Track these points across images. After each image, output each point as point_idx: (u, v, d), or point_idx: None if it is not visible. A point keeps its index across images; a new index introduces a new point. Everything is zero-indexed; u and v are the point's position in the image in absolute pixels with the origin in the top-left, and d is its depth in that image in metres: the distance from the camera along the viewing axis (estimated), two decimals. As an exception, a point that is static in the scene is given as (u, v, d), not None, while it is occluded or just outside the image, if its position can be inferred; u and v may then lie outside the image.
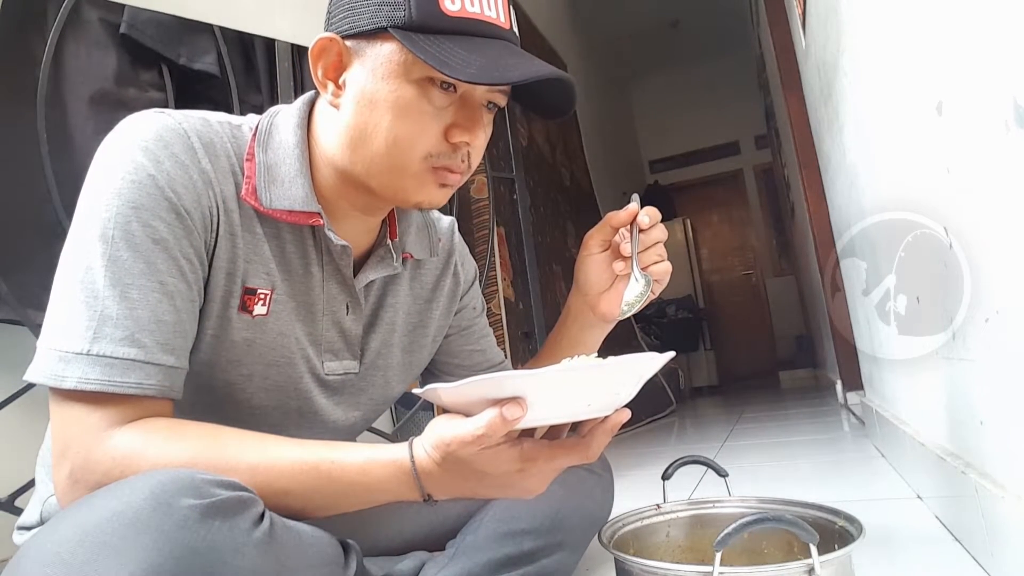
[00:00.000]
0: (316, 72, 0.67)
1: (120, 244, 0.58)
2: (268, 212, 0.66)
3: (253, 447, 0.58)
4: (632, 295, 0.75)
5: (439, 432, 0.54)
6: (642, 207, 0.78)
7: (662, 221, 0.77)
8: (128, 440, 0.56)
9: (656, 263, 0.77)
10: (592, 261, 0.81)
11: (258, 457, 0.57)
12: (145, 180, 0.60)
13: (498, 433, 0.51)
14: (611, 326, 0.85)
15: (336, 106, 0.67)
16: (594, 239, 0.81)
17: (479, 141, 0.67)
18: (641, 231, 0.76)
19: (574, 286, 0.85)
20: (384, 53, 0.63)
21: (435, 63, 0.58)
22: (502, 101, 0.69)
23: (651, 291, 0.76)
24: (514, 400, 0.50)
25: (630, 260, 0.75)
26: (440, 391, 0.53)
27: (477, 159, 0.70)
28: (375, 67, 0.64)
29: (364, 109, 0.64)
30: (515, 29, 0.68)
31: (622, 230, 0.79)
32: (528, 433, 0.58)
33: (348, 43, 0.65)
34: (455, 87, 0.64)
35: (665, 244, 0.79)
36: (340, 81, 0.66)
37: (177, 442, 0.56)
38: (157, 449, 0.55)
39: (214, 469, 0.53)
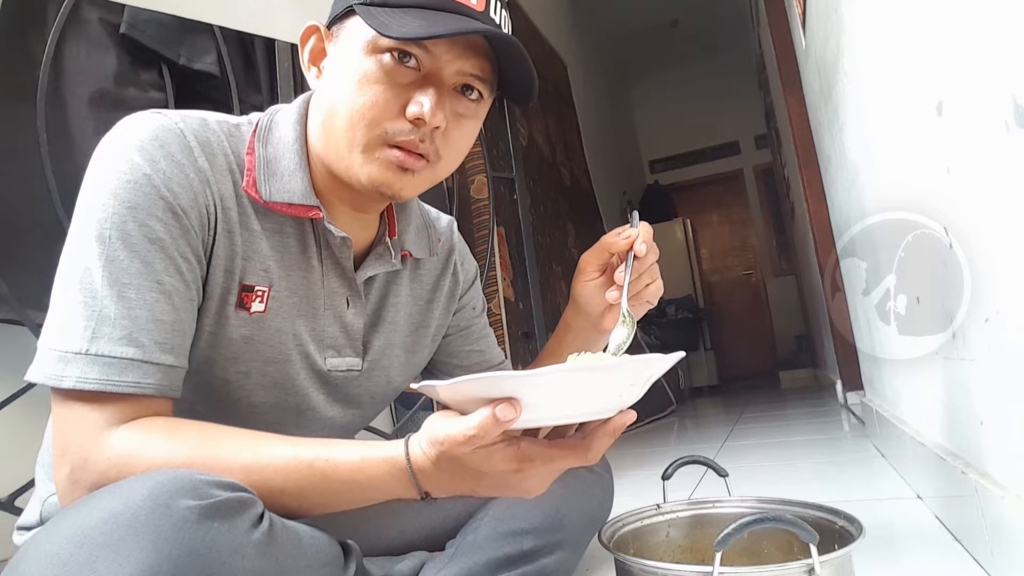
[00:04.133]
0: (302, 60, 0.70)
1: (117, 244, 0.58)
2: (268, 204, 0.67)
3: (248, 446, 0.57)
4: (620, 338, 0.73)
5: (433, 430, 0.54)
6: (639, 216, 0.78)
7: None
8: (125, 440, 0.56)
9: (649, 285, 0.78)
10: (591, 286, 0.81)
11: (253, 456, 0.56)
12: (141, 180, 0.60)
13: (491, 434, 0.51)
14: None
15: (317, 90, 0.69)
16: (591, 264, 0.81)
17: (436, 119, 0.63)
18: (636, 258, 0.75)
19: (572, 305, 0.84)
20: (350, 31, 0.65)
21: (375, 24, 0.59)
22: (476, 84, 0.66)
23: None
24: (508, 400, 0.50)
25: (622, 291, 0.75)
26: (438, 387, 0.52)
27: (448, 147, 0.67)
28: (344, 47, 0.66)
29: (332, 88, 0.66)
30: (492, 13, 0.65)
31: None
32: (532, 433, 0.57)
33: (331, 29, 0.68)
34: (418, 64, 0.63)
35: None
36: (320, 66, 0.69)
37: (173, 442, 0.56)
38: (153, 449, 0.55)
39: (209, 468, 0.53)
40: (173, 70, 1.38)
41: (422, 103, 0.62)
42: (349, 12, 0.65)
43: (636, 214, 0.81)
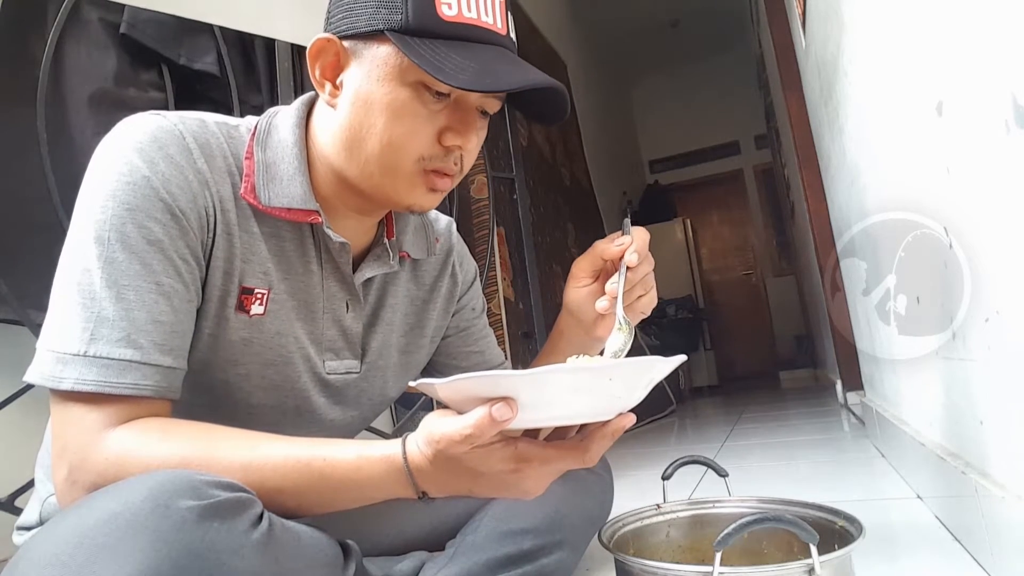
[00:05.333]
0: (314, 72, 0.68)
1: (116, 246, 0.58)
2: (267, 210, 0.67)
3: (245, 446, 0.57)
4: (617, 345, 0.71)
5: (430, 429, 0.54)
6: (636, 217, 0.77)
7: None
8: (122, 441, 0.56)
9: (642, 296, 0.76)
10: (582, 292, 0.80)
11: (250, 456, 0.56)
12: (140, 182, 0.60)
13: (487, 433, 0.50)
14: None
15: (333, 106, 0.67)
16: (583, 269, 0.80)
17: (471, 145, 0.67)
18: (629, 268, 0.73)
19: (565, 310, 0.83)
20: (380, 56, 0.64)
21: (429, 68, 0.59)
22: (495, 107, 0.69)
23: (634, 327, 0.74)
24: (504, 400, 0.49)
25: (614, 301, 0.73)
26: (436, 385, 0.52)
27: (470, 162, 0.70)
28: (371, 69, 0.64)
29: (360, 110, 0.65)
30: (512, 35, 0.68)
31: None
32: (532, 434, 0.57)
33: (346, 44, 0.66)
34: (448, 92, 0.65)
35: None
36: (337, 81, 0.67)
37: (169, 442, 0.56)
38: (149, 449, 0.55)
39: (207, 468, 0.53)
40: (173, 70, 1.38)
41: (460, 132, 0.66)
42: (376, 34, 0.63)
43: (627, 221, 0.79)
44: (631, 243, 0.74)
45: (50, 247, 0.68)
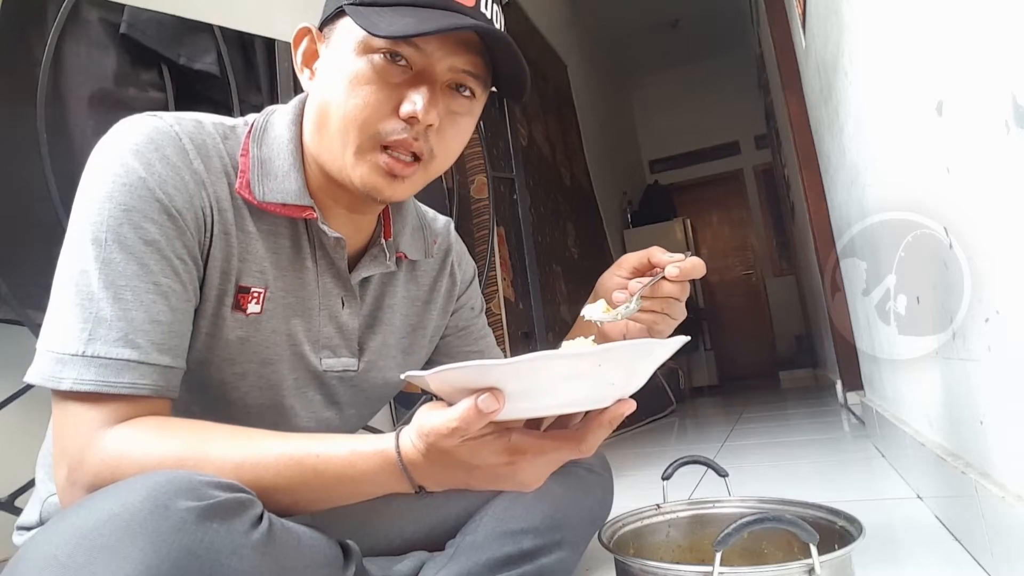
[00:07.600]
0: (295, 62, 0.70)
1: (112, 247, 0.58)
2: (261, 205, 0.67)
3: (239, 444, 0.57)
4: (601, 314, 0.70)
5: (421, 422, 0.53)
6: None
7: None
8: (117, 440, 0.56)
9: (654, 313, 0.73)
10: (615, 280, 0.78)
11: (244, 454, 0.56)
12: (136, 183, 0.60)
13: (474, 425, 0.49)
14: None
15: (310, 91, 0.69)
16: (629, 263, 0.78)
17: (431, 117, 0.63)
18: (664, 278, 0.72)
19: (594, 292, 0.82)
20: (340, 31, 0.65)
21: (364, 24, 0.59)
22: (469, 81, 0.66)
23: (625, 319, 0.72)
24: (490, 391, 0.48)
25: (629, 296, 0.72)
26: (426, 376, 0.50)
27: (442, 145, 0.67)
28: (336, 47, 0.66)
29: (325, 88, 0.66)
30: (483, 8, 0.64)
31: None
32: (534, 424, 0.56)
33: (323, 31, 0.68)
34: (409, 63, 0.63)
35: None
36: (313, 67, 0.69)
37: (164, 441, 0.56)
38: (144, 449, 0.55)
39: (201, 467, 0.53)
40: (173, 70, 1.38)
41: (415, 101, 0.62)
42: (339, 13, 0.65)
43: (690, 253, 0.77)
44: (682, 260, 0.72)
45: (50, 247, 0.68)
